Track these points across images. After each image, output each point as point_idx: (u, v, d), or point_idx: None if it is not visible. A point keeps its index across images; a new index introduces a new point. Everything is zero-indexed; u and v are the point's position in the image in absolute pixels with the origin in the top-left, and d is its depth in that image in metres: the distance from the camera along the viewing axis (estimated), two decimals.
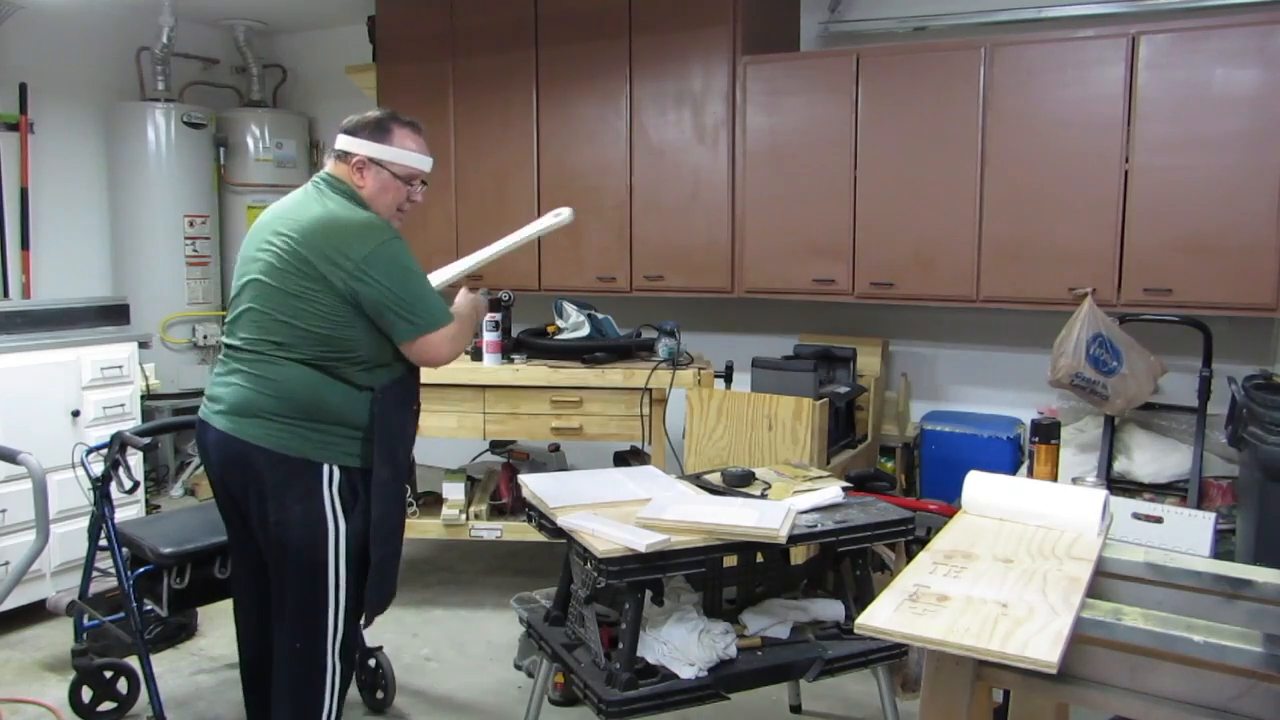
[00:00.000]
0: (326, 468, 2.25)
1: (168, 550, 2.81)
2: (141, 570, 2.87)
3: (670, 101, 4.17)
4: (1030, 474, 2.57)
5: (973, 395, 4.16)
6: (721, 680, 2.20)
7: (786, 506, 2.34)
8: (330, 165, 2.37)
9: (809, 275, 3.94)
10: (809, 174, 3.89)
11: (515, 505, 3.83)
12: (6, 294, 4.80)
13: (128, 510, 3.75)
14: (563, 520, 2.29)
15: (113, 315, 4.22)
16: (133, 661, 2.95)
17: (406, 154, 2.33)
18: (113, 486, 2.91)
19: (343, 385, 2.23)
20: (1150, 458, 3.28)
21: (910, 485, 4.10)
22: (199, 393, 5.20)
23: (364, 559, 2.31)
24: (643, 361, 3.72)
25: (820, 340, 4.07)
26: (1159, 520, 2.68)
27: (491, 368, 3.67)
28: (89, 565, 3.02)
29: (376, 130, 2.31)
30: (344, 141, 2.34)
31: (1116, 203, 3.35)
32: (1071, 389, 3.25)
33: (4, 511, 3.56)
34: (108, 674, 3.01)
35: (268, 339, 2.22)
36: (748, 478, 2.68)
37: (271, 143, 5.51)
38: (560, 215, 2.76)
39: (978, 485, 2.09)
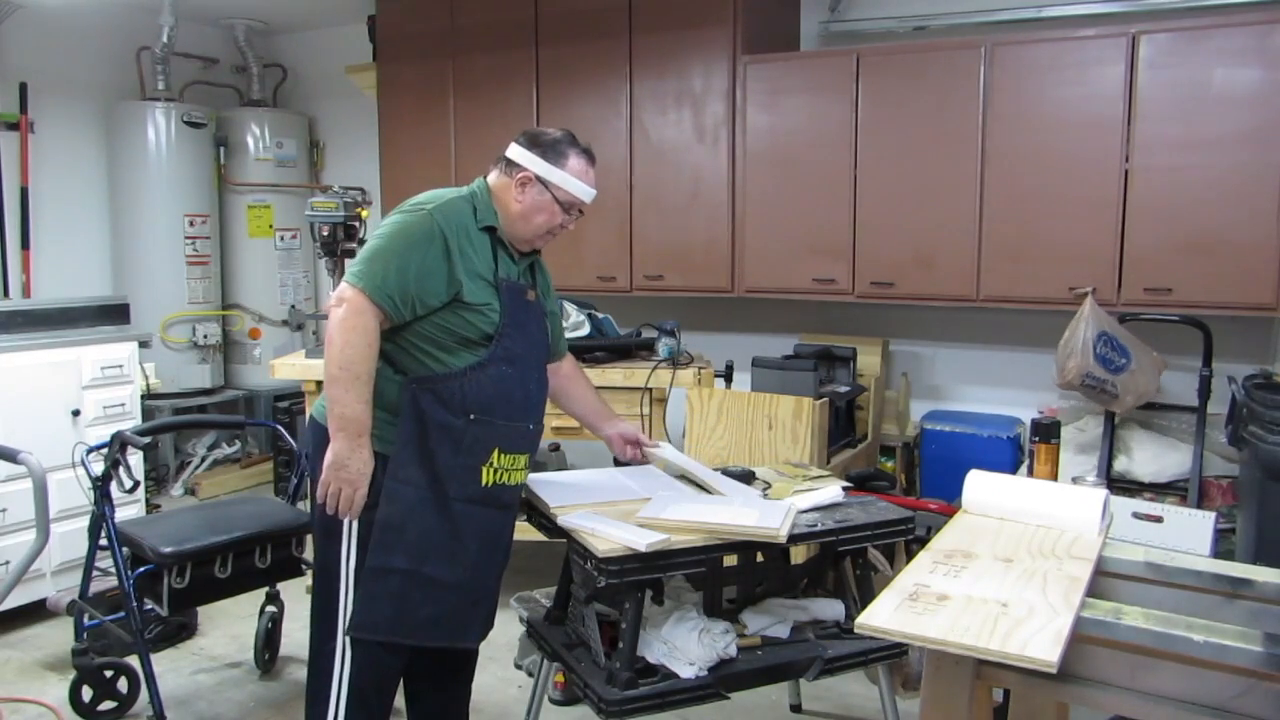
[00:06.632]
0: None
1: (168, 550, 2.81)
2: (142, 570, 2.87)
3: (670, 101, 4.17)
4: (1030, 473, 2.57)
5: (973, 395, 4.16)
6: (721, 680, 2.20)
7: (786, 506, 2.34)
8: (493, 175, 2.38)
9: (809, 275, 3.94)
10: (809, 174, 3.89)
11: None
12: (6, 294, 4.80)
13: (128, 510, 3.74)
14: (563, 520, 2.28)
15: (113, 315, 4.21)
16: (133, 661, 2.96)
17: (575, 183, 2.31)
18: (113, 486, 2.91)
19: (382, 361, 2.17)
20: (1150, 457, 3.28)
21: (910, 485, 4.10)
22: (199, 392, 5.31)
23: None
24: (643, 361, 3.71)
25: (820, 340, 4.07)
26: (1159, 520, 2.68)
27: None
28: (89, 565, 3.02)
29: (551, 150, 2.30)
30: (516, 152, 2.34)
31: (1116, 202, 3.35)
32: (1082, 389, 3.24)
33: (4, 511, 3.56)
34: (108, 673, 3.01)
35: None
36: (748, 477, 2.67)
37: (271, 142, 5.51)
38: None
39: (978, 485, 2.09)
